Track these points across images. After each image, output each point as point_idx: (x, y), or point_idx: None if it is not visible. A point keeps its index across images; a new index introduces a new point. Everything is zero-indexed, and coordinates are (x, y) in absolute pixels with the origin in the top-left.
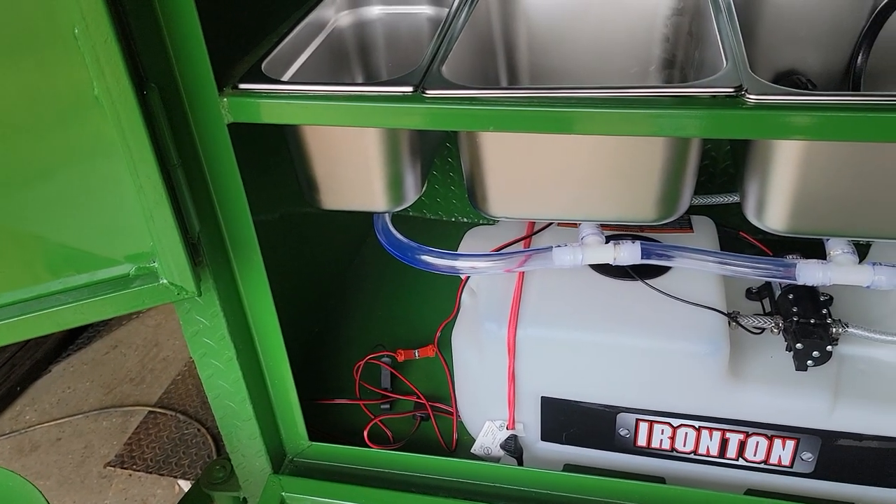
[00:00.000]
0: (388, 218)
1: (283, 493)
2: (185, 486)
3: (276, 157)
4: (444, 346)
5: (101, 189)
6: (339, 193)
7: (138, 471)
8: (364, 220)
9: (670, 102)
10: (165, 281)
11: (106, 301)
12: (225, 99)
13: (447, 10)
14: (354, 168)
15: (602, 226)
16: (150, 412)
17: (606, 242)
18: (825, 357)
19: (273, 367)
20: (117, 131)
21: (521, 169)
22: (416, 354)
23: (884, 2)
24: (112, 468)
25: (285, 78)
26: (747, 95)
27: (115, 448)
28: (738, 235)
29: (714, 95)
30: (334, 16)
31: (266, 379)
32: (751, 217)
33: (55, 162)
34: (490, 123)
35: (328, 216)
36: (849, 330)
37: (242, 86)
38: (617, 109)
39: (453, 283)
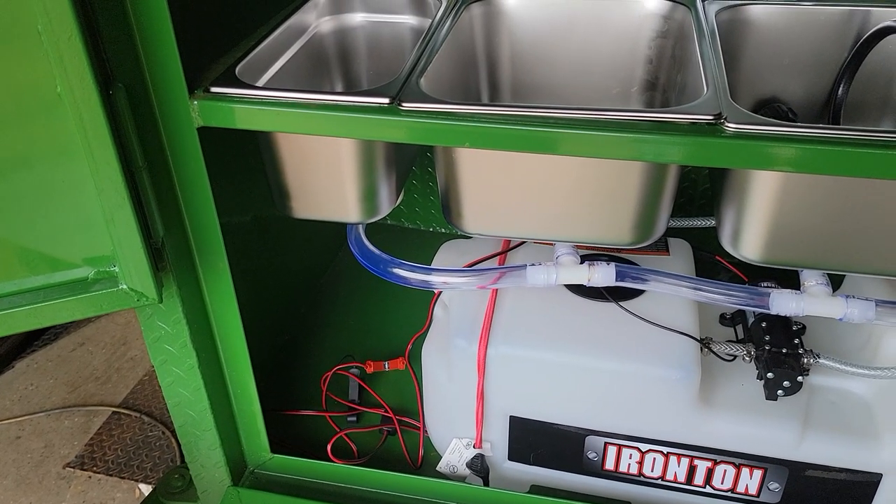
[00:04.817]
0: (361, 229)
1: None
2: (146, 490)
3: (247, 161)
4: (415, 359)
5: (61, 189)
6: (311, 202)
7: (98, 473)
8: (339, 229)
9: (649, 127)
10: (125, 286)
11: (62, 305)
12: (195, 102)
13: (430, 20)
14: (327, 177)
15: (577, 245)
16: (114, 412)
17: (581, 263)
18: (796, 387)
19: (236, 377)
20: (79, 130)
21: (496, 186)
22: (386, 367)
23: (866, 35)
24: (72, 469)
25: (260, 83)
26: (726, 124)
27: (76, 449)
28: (714, 259)
29: (693, 122)
30: (315, 21)
31: (229, 388)
32: (726, 245)
33: (12, 160)
34: (466, 140)
35: (302, 223)
36: (820, 361)
37: (214, 89)
38: (595, 132)
39: (427, 295)
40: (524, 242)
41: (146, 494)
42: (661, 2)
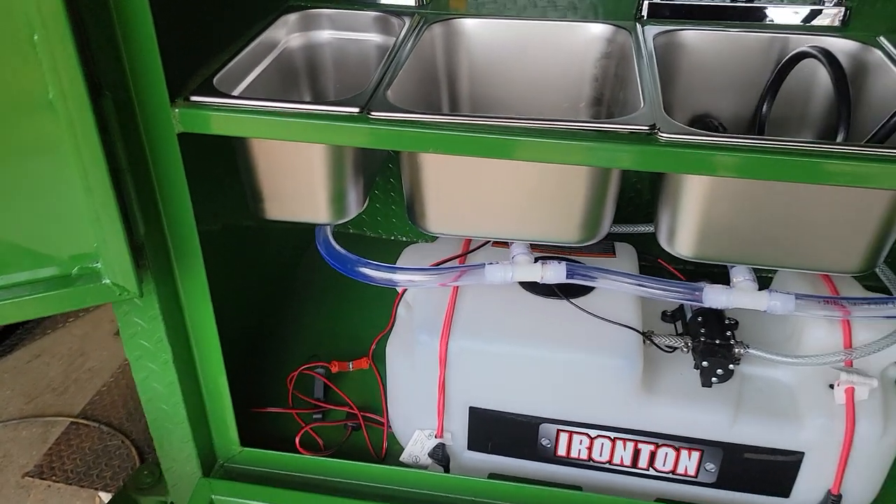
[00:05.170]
0: (329, 231)
1: (213, 496)
2: (106, 498)
3: (223, 166)
4: (379, 359)
5: (48, 190)
6: (283, 205)
7: (58, 482)
8: (306, 232)
9: (594, 136)
10: (108, 281)
11: (47, 298)
12: (177, 110)
13: (394, 38)
14: (299, 181)
15: (533, 247)
16: (72, 423)
17: (535, 262)
18: (728, 375)
19: (208, 372)
20: (69, 135)
21: (457, 189)
22: (350, 366)
23: (785, 59)
24: (31, 478)
25: (236, 93)
26: (660, 133)
27: (35, 458)
28: (657, 262)
29: (632, 132)
30: (285, 37)
31: (201, 383)
32: (663, 242)
33: (1, 162)
34: (431, 145)
35: (271, 226)
36: (749, 351)
37: (194, 98)
38: (547, 140)
39: (390, 297)
40: (483, 245)
41: (107, 503)
42: (605, 26)
